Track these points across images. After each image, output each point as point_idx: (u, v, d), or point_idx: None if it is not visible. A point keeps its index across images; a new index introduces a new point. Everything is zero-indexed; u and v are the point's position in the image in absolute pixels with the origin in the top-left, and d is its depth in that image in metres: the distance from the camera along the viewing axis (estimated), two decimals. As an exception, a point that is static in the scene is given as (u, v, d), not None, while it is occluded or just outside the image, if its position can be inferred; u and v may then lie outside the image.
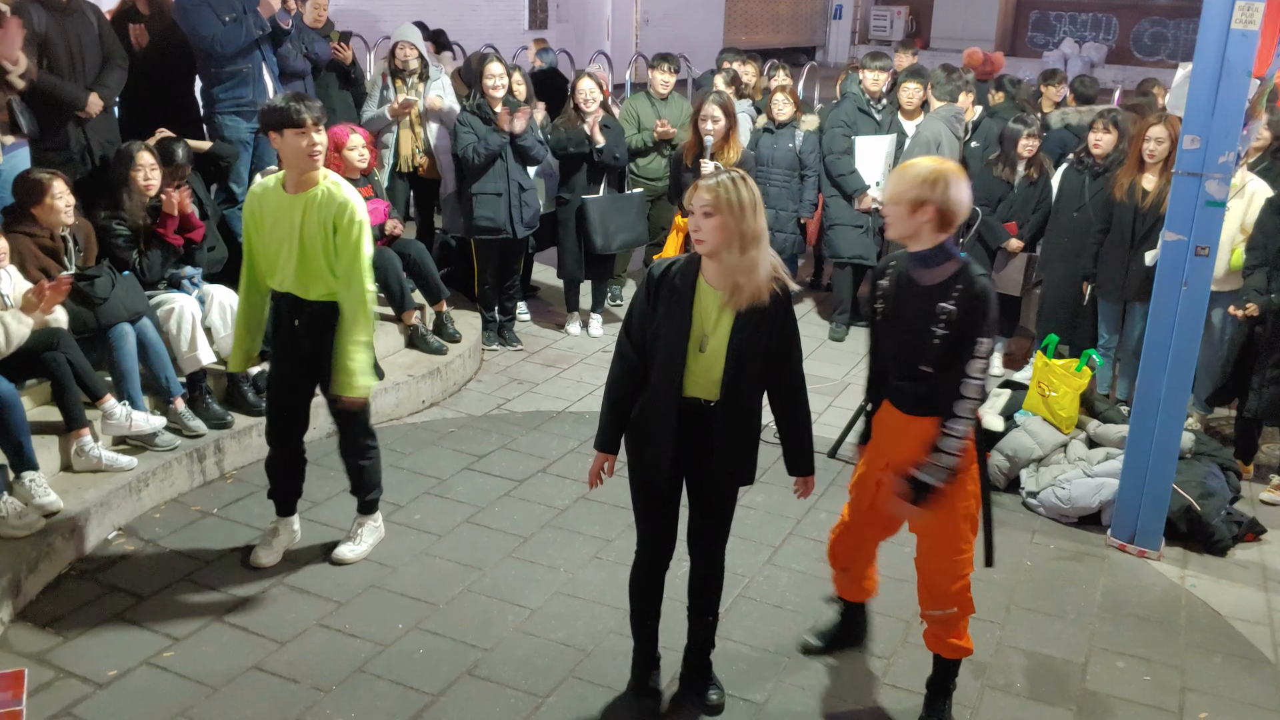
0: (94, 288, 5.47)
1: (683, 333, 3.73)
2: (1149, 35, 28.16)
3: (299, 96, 4.60)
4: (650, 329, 3.80)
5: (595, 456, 4.00)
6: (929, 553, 4.01)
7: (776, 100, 8.55)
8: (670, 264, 3.82)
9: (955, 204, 3.67)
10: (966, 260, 3.77)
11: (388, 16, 14.98)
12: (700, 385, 3.79)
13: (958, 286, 3.71)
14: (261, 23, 7.05)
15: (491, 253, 7.79)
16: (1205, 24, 4.92)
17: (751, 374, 3.79)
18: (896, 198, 3.72)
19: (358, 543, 5.14)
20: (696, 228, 3.66)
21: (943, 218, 3.68)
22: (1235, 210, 6.38)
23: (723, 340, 3.73)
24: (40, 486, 4.94)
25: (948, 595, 3.99)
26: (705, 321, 3.74)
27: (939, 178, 3.66)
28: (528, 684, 4.31)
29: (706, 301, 3.74)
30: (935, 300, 3.73)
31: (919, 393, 3.87)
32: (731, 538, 4.20)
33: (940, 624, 4.05)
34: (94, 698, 4.12)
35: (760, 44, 25.74)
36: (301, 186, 4.66)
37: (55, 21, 6.20)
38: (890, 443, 4.02)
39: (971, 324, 3.68)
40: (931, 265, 3.76)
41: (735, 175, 3.69)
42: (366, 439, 5.06)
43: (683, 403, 3.81)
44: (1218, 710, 4.39)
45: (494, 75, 7.49)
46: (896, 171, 3.79)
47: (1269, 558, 5.56)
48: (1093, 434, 6.20)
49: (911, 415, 3.91)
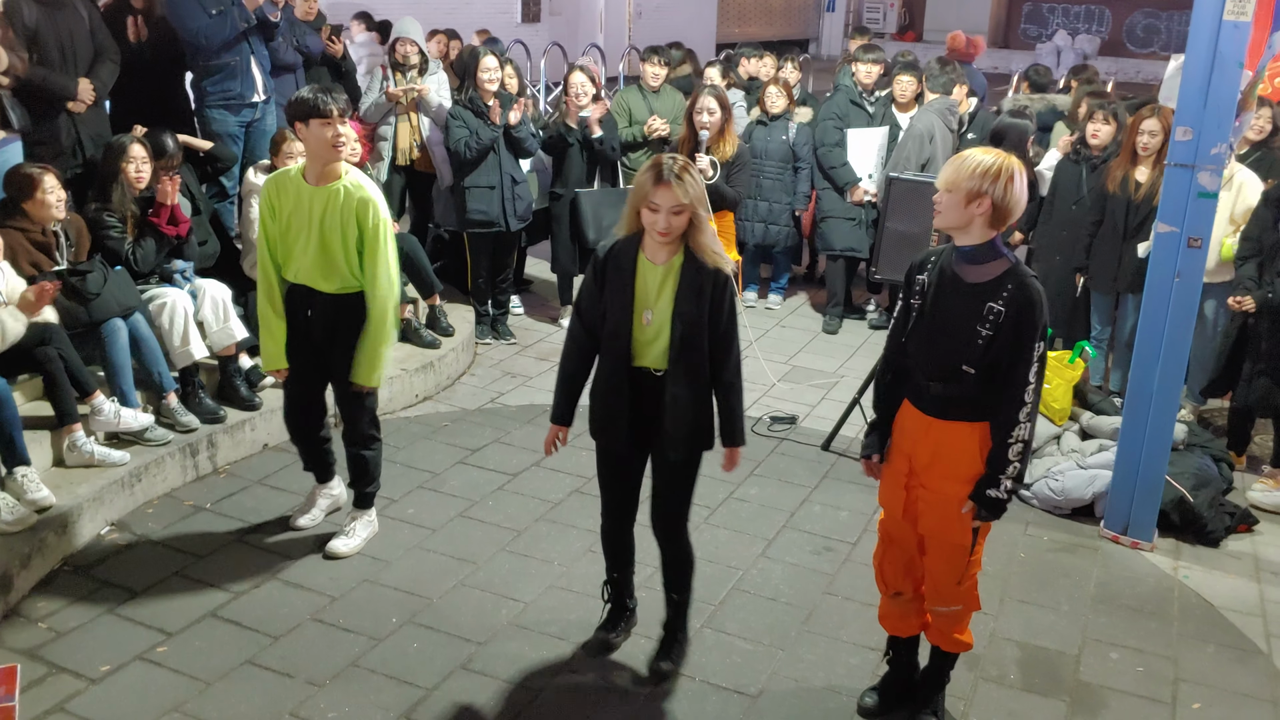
0: (86, 283, 5.45)
1: (627, 306, 3.95)
2: (1142, 27, 28.21)
3: (325, 88, 4.62)
4: (599, 307, 4.04)
5: (549, 428, 4.29)
6: (937, 553, 3.91)
7: (769, 93, 8.55)
8: (613, 245, 4.02)
9: (1014, 201, 3.54)
10: (1017, 260, 3.63)
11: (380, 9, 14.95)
12: (649, 355, 4.00)
13: (1008, 286, 3.57)
14: (247, 15, 7.02)
15: (484, 246, 7.79)
16: (1197, 16, 4.92)
17: (695, 344, 3.94)
18: (953, 185, 3.56)
19: (351, 537, 5.14)
20: (667, 224, 3.81)
21: (998, 213, 3.55)
22: (1224, 202, 6.38)
23: (665, 311, 3.92)
24: (32, 482, 4.93)
25: (955, 594, 3.92)
26: (648, 295, 3.95)
27: (1001, 171, 3.52)
28: (522, 678, 4.31)
29: (648, 276, 3.95)
30: (983, 300, 3.59)
31: (950, 394, 3.70)
32: (725, 530, 4.22)
33: (945, 619, 4.01)
34: (87, 693, 4.11)
35: (753, 36, 25.68)
36: (324, 179, 4.69)
37: (46, 15, 6.18)
38: (911, 446, 3.85)
39: (1023, 327, 3.55)
40: (980, 262, 3.62)
41: (693, 171, 3.85)
42: (373, 430, 5.09)
43: (633, 373, 4.03)
44: (1211, 701, 4.40)
45: (489, 69, 7.48)
46: (955, 159, 3.62)
47: (1261, 549, 5.57)
48: (1086, 426, 6.21)
49: (935, 418, 3.76)
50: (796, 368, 7.79)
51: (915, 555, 4.01)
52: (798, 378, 7.61)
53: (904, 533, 3.97)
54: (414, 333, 7.27)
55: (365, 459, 5.11)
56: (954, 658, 4.13)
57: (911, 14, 30.19)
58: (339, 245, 4.70)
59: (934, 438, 3.78)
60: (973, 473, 3.72)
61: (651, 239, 3.90)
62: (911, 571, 4.05)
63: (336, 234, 4.69)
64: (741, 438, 4.13)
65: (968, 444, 3.72)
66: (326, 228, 4.68)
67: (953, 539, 3.82)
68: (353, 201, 4.67)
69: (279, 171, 4.90)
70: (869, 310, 8.91)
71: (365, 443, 5.08)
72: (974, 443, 3.72)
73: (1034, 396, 3.62)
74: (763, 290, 9.25)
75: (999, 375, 3.62)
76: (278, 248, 4.84)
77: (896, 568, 4.06)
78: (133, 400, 5.54)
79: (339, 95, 4.62)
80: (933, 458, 3.79)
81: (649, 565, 5.09)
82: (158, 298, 5.83)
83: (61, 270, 5.49)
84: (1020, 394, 3.60)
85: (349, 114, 4.66)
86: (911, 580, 4.07)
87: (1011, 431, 3.62)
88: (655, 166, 3.83)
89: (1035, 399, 3.63)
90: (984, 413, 3.69)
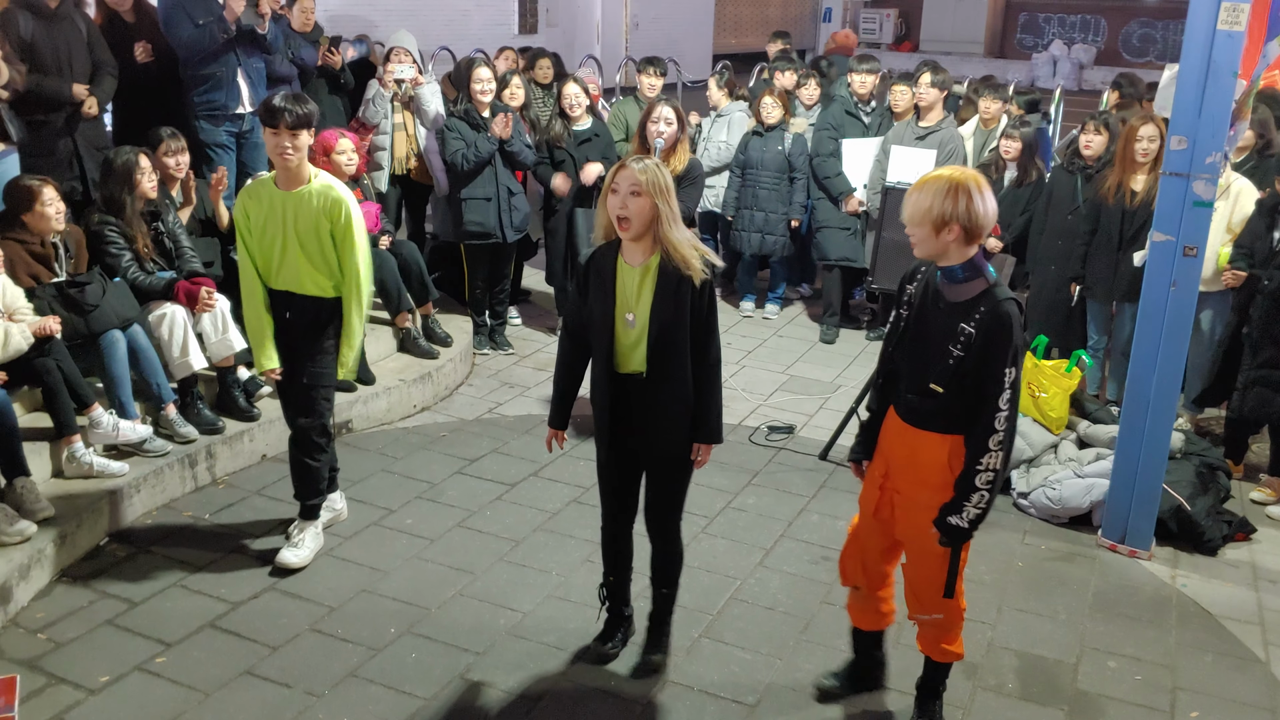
0: (84, 294, 5.47)
1: (608, 310, 4.02)
2: (1137, 36, 28.25)
3: (295, 98, 4.63)
4: (584, 313, 4.13)
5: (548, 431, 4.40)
6: (916, 561, 3.95)
7: (765, 103, 8.55)
8: (594, 252, 4.11)
9: (980, 216, 3.53)
10: (995, 280, 3.63)
11: (379, 22, 15.00)
12: (632, 360, 4.07)
13: (981, 308, 3.57)
14: (226, 26, 7.01)
15: (481, 257, 7.80)
16: (1191, 25, 4.94)
17: (676, 346, 3.99)
18: (918, 219, 3.57)
19: (299, 547, 5.09)
20: (623, 205, 3.87)
21: (969, 232, 3.54)
22: (1221, 211, 6.41)
23: (645, 313, 3.98)
24: (31, 493, 4.94)
25: (936, 603, 3.94)
26: (628, 299, 4.01)
27: (958, 192, 3.51)
28: (520, 687, 4.31)
29: (627, 279, 4.01)
30: (958, 319, 3.61)
31: (925, 407, 3.75)
32: (723, 539, 4.24)
33: (931, 628, 4.03)
34: (86, 704, 4.11)
35: (750, 47, 25.73)
36: (292, 184, 4.74)
37: (43, 27, 6.20)
38: (890, 448, 3.94)
39: (991, 351, 3.54)
40: (959, 281, 3.63)
41: (656, 161, 3.94)
42: (322, 438, 5.06)
43: (617, 377, 4.10)
44: (1209, 709, 4.40)
45: (482, 80, 7.50)
46: (912, 191, 3.62)
47: (1259, 557, 5.58)
48: (1083, 434, 6.22)
49: (910, 426, 3.82)
50: (794, 377, 7.80)
51: (876, 557, 4.10)
52: (795, 387, 7.61)
53: (871, 533, 4.05)
54: (412, 342, 7.28)
55: (309, 468, 5.08)
56: (946, 668, 4.13)
57: (908, 25, 30.24)
58: (315, 246, 4.75)
59: (909, 443, 3.84)
60: (942, 481, 3.74)
61: (622, 235, 3.96)
62: (869, 570, 4.14)
63: (312, 235, 4.73)
64: (717, 435, 4.15)
65: (938, 454, 3.75)
66: (300, 230, 4.73)
67: (928, 546, 3.83)
68: (325, 201, 4.72)
69: (254, 180, 4.95)
70: (864, 319, 8.93)
71: (312, 451, 5.05)
72: (944, 453, 3.74)
73: (1007, 425, 3.59)
74: (760, 300, 9.26)
75: (969, 396, 3.63)
76: (259, 257, 4.85)
77: (855, 564, 4.16)
78: (131, 411, 5.55)
79: (300, 108, 4.59)
80: (907, 463, 3.85)
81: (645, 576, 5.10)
82: (157, 309, 5.84)
83: (60, 282, 5.50)
84: (992, 419, 3.58)
85: (306, 126, 4.62)
86: (868, 578, 4.15)
87: (980, 458, 3.61)
88: (620, 160, 3.97)
89: (1009, 426, 3.60)
90: (956, 426, 3.70)
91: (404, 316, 7.25)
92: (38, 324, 5.13)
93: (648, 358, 4.00)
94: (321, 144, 7.03)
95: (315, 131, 4.80)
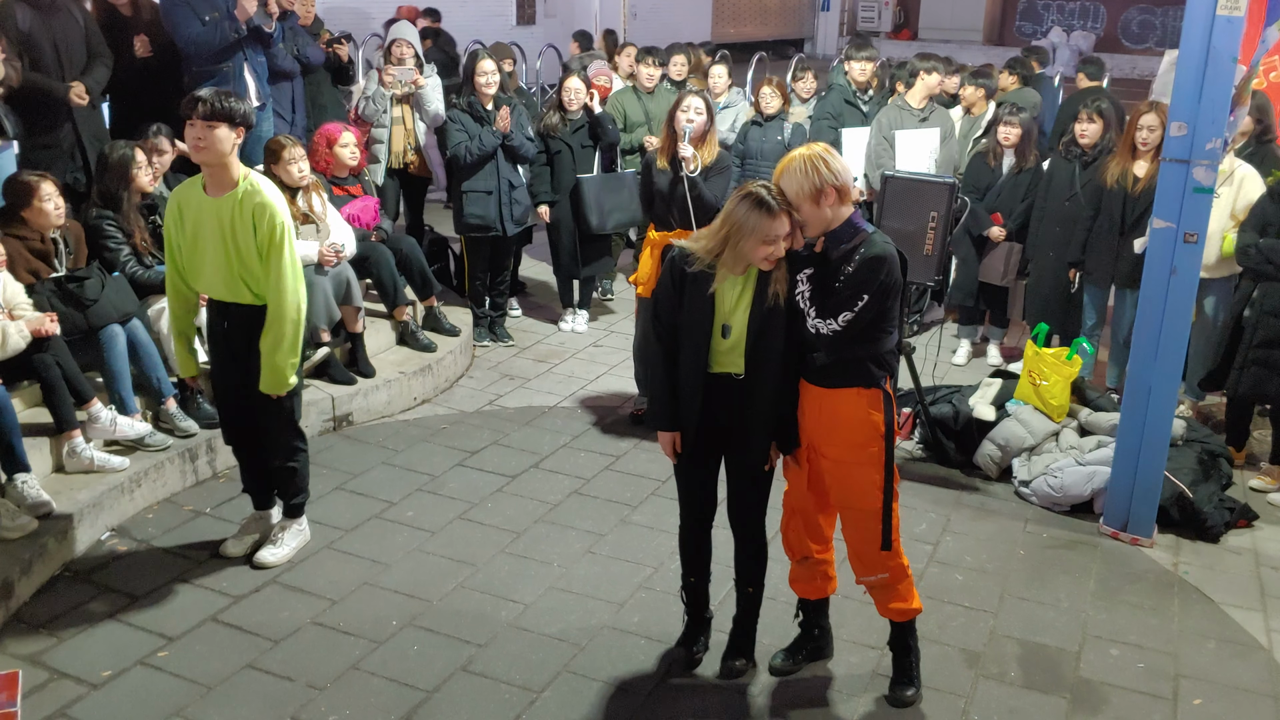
0: (84, 289, 5.46)
1: (706, 321, 3.99)
2: (1137, 23, 28.21)
3: (224, 93, 4.48)
4: (679, 314, 4.05)
5: (660, 436, 4.23)
6: (852, 524, 4.11)
7: (764, 93, 8.52)
8: (688, 257, 4.01)
9: (843, 173, 3.84)
10: (873, 230, 3.90)
11: (377, 14, 14.98)
12: (727, 361, 4.03)
13: (860, 251, 3.83)
14: (238, 26, 6.99)
15: (482, 250, 7.79)
16: (1191, 11, 4.93)
17: (773, 350, 3.97)
18: (800, 199, 3.82)
19: (279, 546, 5.07)
20: (775, 250, 3.85)
21: (840, 191, 3.83)
22: (1225, 197, 6.39)
23: (743, 321, 3.96)
24: (32, 488, 4.94)
25: (878, 561, 4.10)
26: (726, 309, 3.98)
27: (816, 161, 3.81)
28: (522, 679, 4.31)
29: (726, 291, 3.98)
30: (842, 266, 3.86)
31: (836, 368, 3.94)
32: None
33: (879, 590, 4.18)
34: (88, 698, 4.11)
35: (748, 36, 25.72)
36: (221, 188, 4.55)
37: (40, 20, 6.19)
38: (809, 420, 4.06)
39: (861, 281, 3.79)
40: (846, 240, 3.87)
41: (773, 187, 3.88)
42: (295, 440, 4.98)
43: (711, 378, 4.05)
44: (1211, 696, 4.40)
45: (485, 72, 7.48)
46: (778, 180, 3.89)
47: (1261, 544, 5.57)
48: (1084, 422, 6.21)
49: (824, 388, 3.98)
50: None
51: (817, 520, 4.26)
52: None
53: (806, 504, 4.21)
54: (411, 335, 7.27)
55: (291, 470, 5.01)
56: (910, 625, 4.25)
57: (906, 12, 30.19)
58: (247, 253, 4.53)
59: (826, 408, 4.00)
60: (864, 438, 3.95)
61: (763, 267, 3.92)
62: (814, 535, 4.28)
63: (240, 243, 4.52)
64: (796, 442, 4.16)
65: (855, 409, 3.94)
66: (227, 238, 4.53)
67: (862, 505, 4.03)
68: (250, 205, 4.50)
69: (184, 183, 4.74)
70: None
71: (289, 454, 4.97)
72: (861, 408, 3.94)
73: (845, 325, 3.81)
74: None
75: (868, 340, 3.87)
76: (186, 260, 4.69)
77: (800, 535, 4.29)
78: (131, 406, 5.55)
79: (221, 100, 4.41)
80: (828, 429, 4.00)
81: (648, 567, 5.10)
82: (156, 303, 5.83)
83: (59, 277, 5.50)
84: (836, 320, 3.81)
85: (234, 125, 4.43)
86: (814, 542, 4.29)
87: None
88: (757, 202, 3.81)
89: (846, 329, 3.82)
90: (868, 378, 3.93)
91: (402, 310, 7.24)
92: (35, 324, 5.12)
93: (746, 363, 3.99)
94: (325, 136, 7.03)
95: (244, 132, 4.53)
